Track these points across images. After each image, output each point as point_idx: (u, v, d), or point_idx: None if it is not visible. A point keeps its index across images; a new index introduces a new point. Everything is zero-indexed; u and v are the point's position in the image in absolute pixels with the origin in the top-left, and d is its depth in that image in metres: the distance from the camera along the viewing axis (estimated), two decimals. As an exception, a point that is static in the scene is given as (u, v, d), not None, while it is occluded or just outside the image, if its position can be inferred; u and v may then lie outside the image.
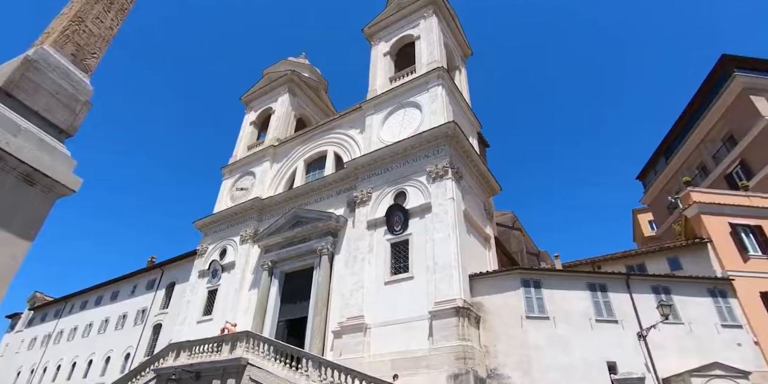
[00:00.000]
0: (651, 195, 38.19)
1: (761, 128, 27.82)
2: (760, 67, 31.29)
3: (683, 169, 34.60)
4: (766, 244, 21.89)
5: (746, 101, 29.21)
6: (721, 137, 31.41)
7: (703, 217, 22.89)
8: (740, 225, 22.66)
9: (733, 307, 19.59)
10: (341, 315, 21.42)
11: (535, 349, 17.82)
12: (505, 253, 24.82)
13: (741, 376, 16.93)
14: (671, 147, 36.49)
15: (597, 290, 19.68)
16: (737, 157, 29.54)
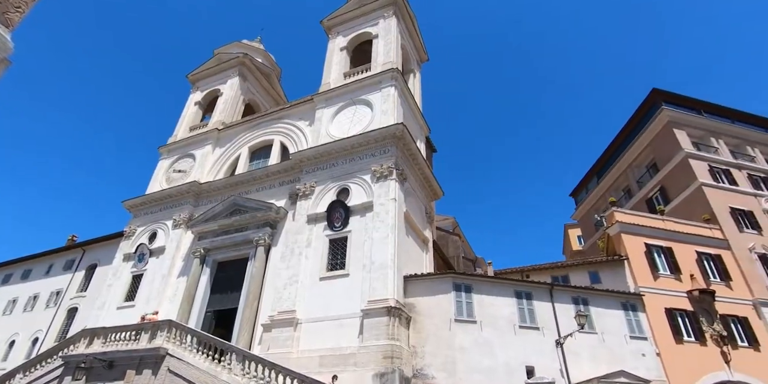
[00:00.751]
0: (581, 212, 40.71)
1: (680, 159, 30.45)
2: (685, 104, 34.31)
3: (611, 190, 37.17)
4: (674, 265, 23.99)
5: (670, 133, 31.85)
6: (646, 164, 34.07)
7: (623, 235, 24.69)
8: (654, 245, 24.68)
9: (641, 320, 21.29)
10: (273, 308, 20.98)
11: (461, 351, 18.38)
12: (442, 257, 25.45)
13: (642, 383, 18.42)
14: (603, 169, 39.11)
15: (523, 298, 20.63)
16: (657, 183, 32.16)
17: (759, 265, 25.48)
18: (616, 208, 26.86)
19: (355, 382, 16.18)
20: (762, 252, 26.09)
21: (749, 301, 23.68)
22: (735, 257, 25.41)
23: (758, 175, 31.26)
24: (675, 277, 23.57)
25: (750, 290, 24.09)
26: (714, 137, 32.67)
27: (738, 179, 30.16)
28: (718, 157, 31.04)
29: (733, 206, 28.04)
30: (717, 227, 26.64)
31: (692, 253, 24.91)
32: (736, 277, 24.53)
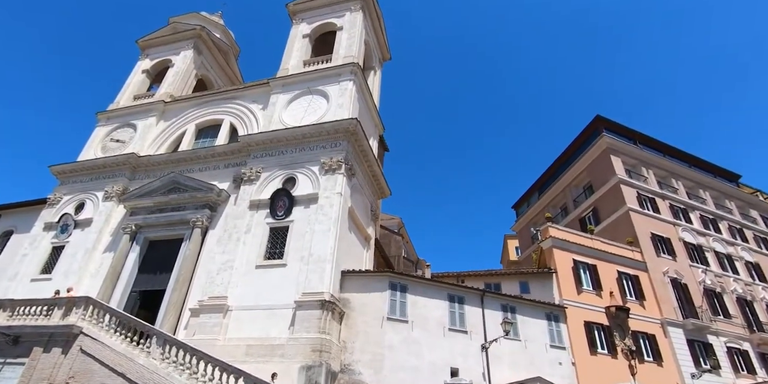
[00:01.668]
0: (521, 224, 42.41)
1: (612, 184, 32.48)
2: (623, 133, 36.67)
3: (550, 206, 38.98)
4: (597, 281, 25.50)
5: (607, 159, 33.88)
6: (584, 185, 36.04)
7: (555, 250, 25.92)
8: (581, 262, 26.11)
9: (562, 331, 22.43)
10: (203, 293, 20.14)
11: (390, 349, 18.51)
12: (383, 256, 25.56)
13: (555, 390, 19.39)
14: (545, 185, 40.98)
15: (456, 302, 21.12)
16: (591, 204, 34.11)
17: (670, 288, 27.64)
18: (551, 223, 28.16)
19: (281, 373, 15.81)
20: (674, 276, 28.31)
21: (658, 320, 25.62)
22: (650, 279, 27.41)
23: (679, 205, 33.94)
24: (596, 292, 25.07)
25: (660, 310, 26.09)
26: (645, 167, 35.10)
27: (661, 208, 32.59)
28: (647, 186, 33.38)
29: (654, 232, 30.25)
30: (638, 250, 28.61)
31: (614, 271, 26.61)
32: (650, 297, 26.48)
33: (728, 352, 26.32)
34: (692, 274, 29.30)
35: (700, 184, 37.29)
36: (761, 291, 31.70)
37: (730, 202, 38.05)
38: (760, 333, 28.12)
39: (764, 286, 32.28)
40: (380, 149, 30.72)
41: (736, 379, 25.14)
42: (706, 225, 34.13)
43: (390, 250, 27.33)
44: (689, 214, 33.99)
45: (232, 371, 13.56)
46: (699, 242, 32.14)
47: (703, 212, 34.94)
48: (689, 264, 29.95)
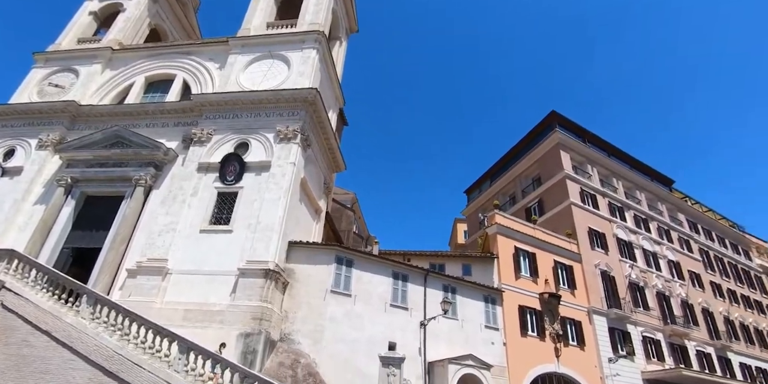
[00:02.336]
0: (470, 209, 43.39)
1: (559, 179, 33.79)
2: (575, 130, 38.05)
3: (500, 194, 40.10)
4: (534, 268, 26.70)
5: (556, 154, 35.10)
6: (533, 176, 37.26)
7: (499, 237, 26.80)
8: (522, 249, 27.19)
9: (497, 313, 23.41)
10: (142, 254, 19.25)
11: (331, 321, 18.62)
12: (333, 229, 25.38)
13: (485, 367, 20.34)
14: (497, 173, 42.00)
15: (400, 279, 21.46)
16: (538, 195, 35.39)
17: (600, 279, 29.42)
18: (499, 211, 29.03)
19: (219, 339, 15.53)
20: (604, 269, 30.12)
21: (585, 308, 27.28)
22: (583, 270, 29.02)
23: (616, 204, 35.90)
24: (533, 279, 26.27)
25: (588, 299, 27.77)
26: (590, 165, 36.71)
27: (600, 205, 34.34)
28: (590, 183, 34.99)
29: (591, 227, 31.91)
30: (575, 242, 30.11)
31: (551, 261, 27.94)
32: (580, 286, 28.09)
33: (643, 341, 28.59)
34: (620, 268, 31.32)
35: (638, 186, 39.54)
36: (678, 288, 34.42)
37: (662, 205, 40.68)
38: (673, 325, 30.70)
39: (681, 283, 35.05)
40: (339, 123, 30.19)
41: (647, 365, 27.45)
42: (638, 224, 36.38)
43: (341, 224, 27.21)
44: (624, 212, 36.05)
45: (166, 335, 13.10)
46: (630, 239, 34.26)
47: (637, 212, 37.17)
48: (619, 258, 31.93)
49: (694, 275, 37.17)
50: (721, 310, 36.79)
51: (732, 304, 38.62)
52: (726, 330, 35.29)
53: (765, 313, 41.40)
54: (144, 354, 12.61)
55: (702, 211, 46.08)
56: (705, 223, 44.40)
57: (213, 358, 12.37)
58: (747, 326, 38.13)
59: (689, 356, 30.46)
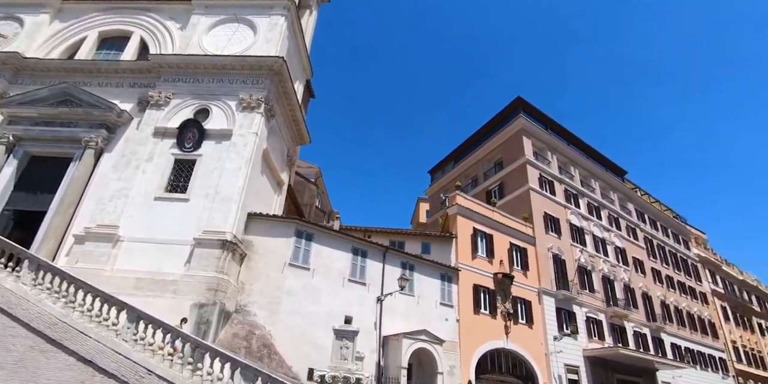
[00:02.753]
0: (433, 189, 43.78)
1: (520, 164, 34.48)
2: (538, 117, 38.78)
3: (463, 176, 40.57)
4: (491, 249, 27.37)
5: (519, 139, 35.72)
6: (495, 160, 37.85)
7: (459, 217, 27.21)
8: (480, 231, 27.76)
9: (453, 291, 23.97)
10: (92, 220, 18.29)
11: (288, 293, 18.51)
12: (294, 203, 24.93)
13: (437, 342, 20.89)
14: (461, 155, 42.38)
15: (359, 255, 21.52)
16: (499, 179, 36.06)
17: (551, 262, 30.56)
18: (460, 192, 29.40)
19: (171, 309, 15.13)
20: (556, 252, 31.29)
21: (536, 289, 28.36)
22: (536, 252, 30.04)
23: (572, 191, 37.11)
24: (488, 259, 26.96)
25: (539, 280, 28.85)
26: (550, 151, 37.61)
27: (557, 191, 35.40)
28: (548, 170, 35.92)
29: (547, 212, 32.92)
30: (531, 226, 31.03)
31: (507, 242, 28.71)
32: (533, 268, 29.10)
33: (587, 321, 30.14)
34: (571, 252, 32.62)
35: (593, 175, 40.98)
36: (622, 272, 36.30)
37: (614, 194, 42.43)
38: (615, 307, 32.47)
39: (625, 268, 36.96)
40: (305, 94, 29.43)
41: (588, 343, 29.03)
42: (591, 211, 37.87)
43: (303, 198, 26.76)
44: (579, 199, 37.37)
45: (114, 303, 12.56)
46: (582, 225, 35.64)
47: (590, 199, 38.63)
48: (570, 243, 33.22)
49: (637, 261, 39.26)
50: (659, 294, 39.19)
51: (669, 290, 41.20)
52: (661, 313, 37.71)
53: (697, 299, 44.46)
54: (90, 322, 12.07)
55: (649, 202, 48.44)
56: (651, 214, 46.76)
57: (164, 328, 12.00)
58: (680, 310, 40.87)
59: (627, 336, 32.43)
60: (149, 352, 11.65)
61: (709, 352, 40.73)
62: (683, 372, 34.41)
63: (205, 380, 11.29)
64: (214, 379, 11.36)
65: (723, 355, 42.41)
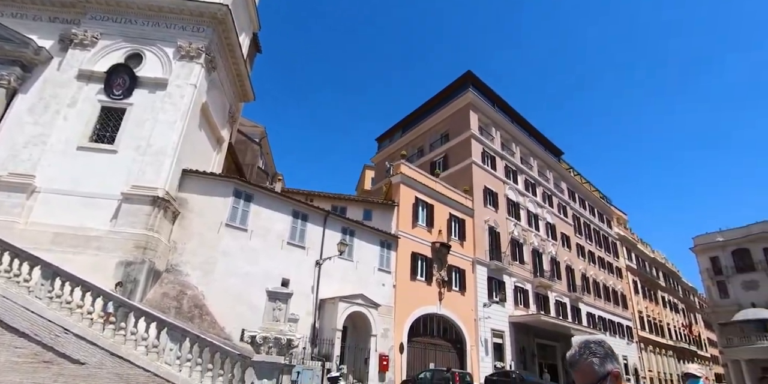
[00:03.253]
0: (380, 157, 43.52)
1: (465, 138, 34.95)
2: (486, 93, 39.25)
3: (410, 145, 40.60)
4: (431, 219, 27.86)
5: (466, 113, 36.08)
6: (442, 132, 38.11)
7: (402, 186, 27.31)
8: (422, 200, 28.10)
9: (391, 257, 24.29)
10: (3, 167, 16.49)
11: (224, 254, 17.93)
12: (235, 162, 23.78)
13: (373, 306, 21.24)
14: (409, 125, 42.25)
15: (299, 218, 21.15)
16: (444, 151, 36.46)
17: (487, 234, 31.71)
18: (405, 161, 29.44)
19: (94, 267, 14.17)
20: (492, 225, 32.45)
21: (470, 258, 29.41)
22: (474, 224, 30.98)
23: (512, 167, 38.34)
24: (428, 229, 27.47)
25: (474, 251, 29.91)
26: (495, 128, 38.41)
27: (498, 166, 36.41)
28: (492, 145, 36.74)
29: (487, 186, 33.86)
30: (470, 199, 31.83)
31: (447, 213, 29.32)
32: (469, 238, 30.06)
33: (515, 290, 31.85)
34: (506, 225, 33.98)
35: (532, 153, 42.49)
36: (550, 247, 38.45)
37: (549, 173, 44.36)
38: (541, 278, 34.49)
39: (553, 243, 39.17)
40: (251, 48, 27.78)
41: (514, 310, 30.77)
42: (527, 188, 39.44)
43: (245, 157, 25.60)
44: (518, 176, 38.72)
45: (26, 258, 11.50)
46: (518, 200, 37.11)
47: (528, 177, 40.16)
48: (506, 217, 34.55)
49: (564, 237, 41.71)
50: (580, 268, 42.06)
51: (590, 264, 44.31)
52: (581, 285, 40.61)
53: (613, 273, 48.24)
54: (-2, 277, 11.04)
55: (581, 182, 51.20)
56: (581, 193, 49.53)
57: (82, 285, 11.19)
58: (598, 282, 44.22)
59: (549, 305, 34.72)
60: (66, 311, 10.86)
61: (619, 321, 44.69)
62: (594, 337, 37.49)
63: (129, 340, 10.76)
64: (139, 338, 10.85)
65: (630, 323, 46.71)
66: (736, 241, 44.71)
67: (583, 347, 1.77)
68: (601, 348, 1.75)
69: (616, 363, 1.73)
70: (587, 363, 1.71)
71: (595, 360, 1.70)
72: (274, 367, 10.74)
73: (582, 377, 1.72)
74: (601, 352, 1.73)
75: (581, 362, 1.73)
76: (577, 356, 1.76)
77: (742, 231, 44.82)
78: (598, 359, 1.70)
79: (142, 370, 10.52)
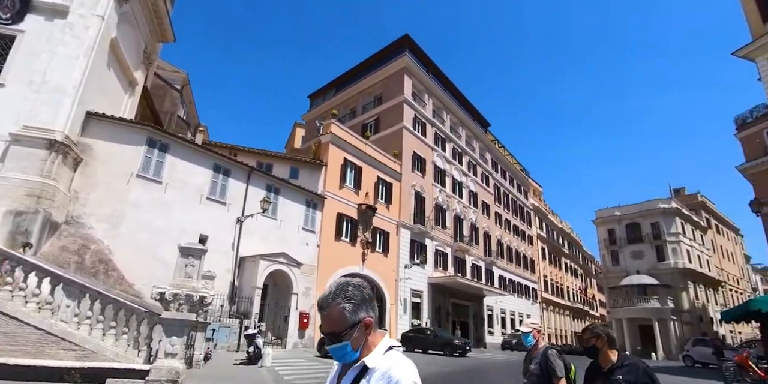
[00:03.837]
0: (311, 115, 42.03)
1: (397, 102, 34.69)
2: (422, 58, 38.94)
3: (342, 105, 39.59)
4: (359, 181, 27.70)
5: (401, 77, 35.67)
6: (375, 95, 37.51)
7: (331, 146, 26.71)
8: (350, 162, 27.76)
9: (317, 217, 23.94)
10: None
11: (134, 207, 16.58)
12: (151, 108, 21.57)
13: (295, 265, 20.96)
14: (343, 84, 41.04)
15: (221, 173, 20.03)
16: (376, 114, 36.02)
17: (413, 199, 32.24)
18: (335, 121, 28.70)
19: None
20: (418, 190, 33.01)
21: (395, 221, 29.86)
22: (401, 188, 31.31)
23: (441, 135, 38.88)
24: (355, 190, 27.32)
25: (400, 214, 30.36)
26: (428, 94, 38.46)
27: (428, 133, 36.74)
28: (423, 112, 36.86)
29: (416, 151, 34.16)
30: (399, 163, 31.98)
31: (375, 176, 29.30)
32: (395, 202, 30.41)
33: (435, 253, 33.04)
34: (432, 191, 34.74)
35: (462, 123, 43.31)
36: (471, 213, 40.08)
37: (476, 143, 45.66)
38: (460, 243, 36.02)
39: (474, 210, 40.85)
40: (173, -14, 25.00)
41: (434, 272, 32.01)
42: (455, 156, 40.36)
43: (163, 104, 23.34)
44: (446, 144, 39.42)
45: None
46: (445, 168, 37.94)
47: (456, 145, 41.02)
48: (432, 183, 35.28)
49: (485, 205, 43.64)
50: (497, 234, 44.47)
51: (505, 231, 46.98)
52: (496, 250, 43.08)
53: (525, 240, 51.63)
54: None
55: (504, 154, 53.36)
56: (503, 165, 51.73)
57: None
58: (511, 248, 47.16)
59: (466, 268, 36.55)
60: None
61: (526, 283, 48.34)
62: (504, 298, 40.47)
63: (16, 296, 9.69)
64: (29, 295, 9.83)
65: (536, 286, 50.73)
66: (630, 215, 49.50)
67: (338, 289, 1.51)
68: (358, 292, 1.51)
69: (371, 311, 1.51)
70: (339, 308, 1.47)
71: (348, 306, 1.47)
72: (184, 325, 10.24)
73: (329, 323, 1.48)
74: (357, 298, 1.50)
75: (332, 306, 1.48)
76: (330, 299, 1.50)
77: (635, 207, 49.62)
78: (351, 305, 1.48)
79: (33, 329, 9.59)
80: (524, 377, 3.57)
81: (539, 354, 3.49)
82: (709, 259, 51.42)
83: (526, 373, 3.55)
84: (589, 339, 3.05)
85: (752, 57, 19.97)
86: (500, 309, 41.09)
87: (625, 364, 2.86)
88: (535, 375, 3.40)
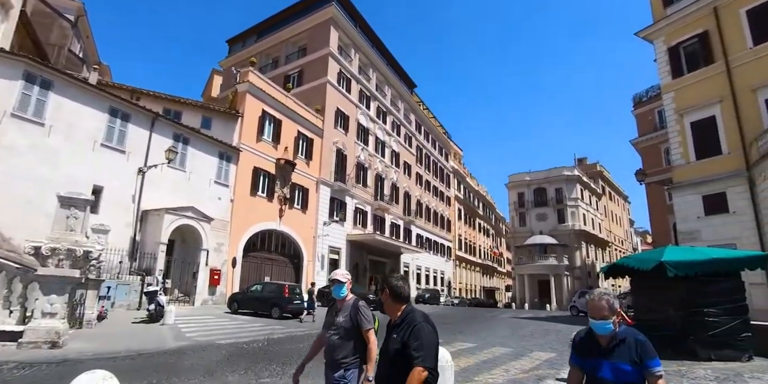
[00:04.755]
0: (230, 61, 38.68)
1: (323, 55, 33.12)
2: (351, 11, 37.23)
3: (264, 54, 37.01)
4: (277, 135, 26.54)
5: (327, 29, 33.91)
6: (299, 45, 35.47)
7: (248, 96, 25.10)
8: (269, 114, 26.43)
9: (230, 171, 22.68)
10: None
11: (10, 152, 14.49)
12: (33, 39, 18.31)
13: (205, 220, 19.86)
14: (266, 31, 38.10)
15: (119, 117, 18.09)
16: (299, 66, 34.21)
17: (334, 155, 31.61)
18: (254, 69, 26.84)
19: None
20: (340, 147, 32.37)
21: (315, 178, 29.24)
22: (322, 145, 30.48)
23: (366, 93, 38.01)
24: (273, 144, 26.15)
25: (320, 171, 29.71)
26: (354, 50, 37.06)
27: (353, 90, 35.72)
28: (349, 67, 35.59)
29: (339, 108, 33.17)
30: (321, 119, 30.95)
31: (295, 131, 28.17)
32: (316, 159, 29.64)
33: (355, 211, 33.07)
34: (354, 149, 34.26)
35: (388, 82, 42.59)
36: (393, 173, 40.36)
37: (401, 103, 45.35)
38: (380, 201, 36.30)
39: (396, 170, 41.15)
40: None
41: (353, 229, 32.13)
42: (379, 115, 39.85)
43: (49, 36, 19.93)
44: (370, 102, 38.69)
45: None
46: (368, 126, 37.42)
47: (380, 104, 40.44)
48: (355, 141, 34.73)
49: (406, 165, 44.10)
50: (417, 194, 45.42)
51: (425, 192, 48.11)
52: (415, 209, 44.13)
53: (443, 201, 53.42)
54: None
55: (428, 116, 53.76)
56: (427, 127, 52.21)
57: None
58: (430, 208, 48.59)
59: (385, 226, 37.14)
60: None
61: (442, 242, 50.47)
62: (420, 255, 41.98)
63: None
64: None
65: (450, 244, 53.16)
66: (537, 181, 52.77)
67: None
68: None
69: None
70: None
71: None
72: (65, 282, 9.22)
73: None
74: None
75: None
76: None
77: (543, 173, 52.91)
78: None
79: None
80: (328, 330, 3.28)
81: (348, 305, 3.23)
82: (601, 223, 56.74)
83: (331, 325, 3.25)
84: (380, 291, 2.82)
85: (651, 39, 21.12)
86: (416, 266, 42.65)
87: (405, 321, 2.62)
88: (343, 327, 3.13)
